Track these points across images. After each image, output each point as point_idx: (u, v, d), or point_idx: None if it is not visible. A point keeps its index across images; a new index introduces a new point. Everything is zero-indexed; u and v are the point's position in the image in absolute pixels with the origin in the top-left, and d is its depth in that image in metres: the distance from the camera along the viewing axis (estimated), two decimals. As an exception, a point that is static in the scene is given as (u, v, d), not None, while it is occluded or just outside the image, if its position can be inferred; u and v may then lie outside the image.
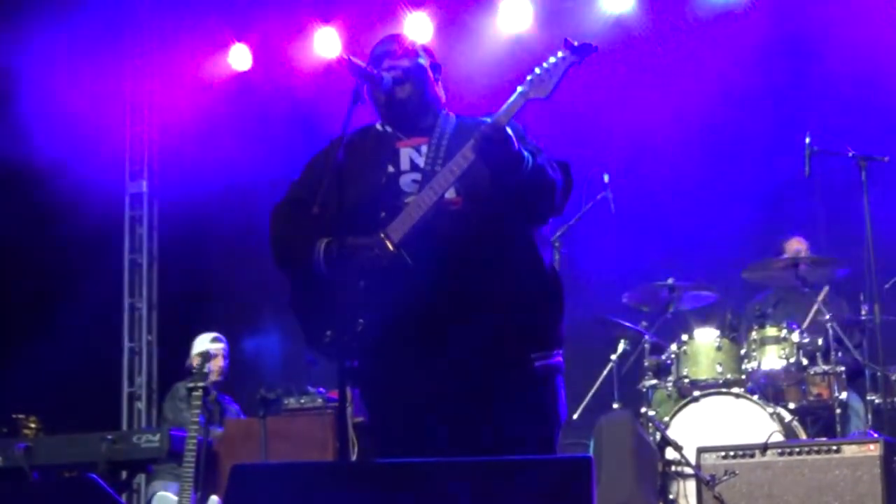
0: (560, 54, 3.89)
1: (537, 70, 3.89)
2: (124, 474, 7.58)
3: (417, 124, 4.15)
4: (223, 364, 8.41)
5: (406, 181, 4.05)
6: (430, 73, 4.20)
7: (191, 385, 6.92)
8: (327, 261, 3.97)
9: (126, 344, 10.50)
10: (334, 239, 3.94)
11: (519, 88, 3.90)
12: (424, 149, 4.08)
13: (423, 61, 4.19)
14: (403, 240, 3.89)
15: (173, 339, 10.13)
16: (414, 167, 4.07)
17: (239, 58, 10.14)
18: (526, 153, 3.88)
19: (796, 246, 8.35)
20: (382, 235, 3.91)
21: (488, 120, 3.86)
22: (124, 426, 10.19)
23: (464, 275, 3.88)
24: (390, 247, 3.89)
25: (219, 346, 8.40)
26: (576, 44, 3.88)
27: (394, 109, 4.14)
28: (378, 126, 4.24)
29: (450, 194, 3.94)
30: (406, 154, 4.10)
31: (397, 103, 4.11)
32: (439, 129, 4.12)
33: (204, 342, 8.34)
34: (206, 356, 7.55)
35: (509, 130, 3.82)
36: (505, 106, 3.88)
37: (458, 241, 3.89)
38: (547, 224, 4.16)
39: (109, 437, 7.05)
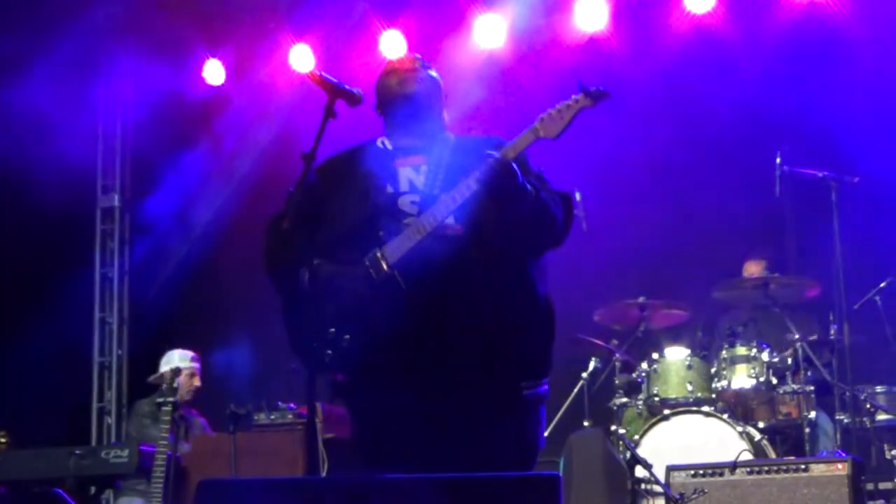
0: (574, 98, 3.90)
1: (550, 111, 3.90)
2: (93, 489, 7.52)
3: (419, 134, 4.16)
4: (199, 384, 8.38)
5: (405, 202, 4.06)
6: (441, 87, 4.26)
7: (160, 400, 6.88)
8: (312, 284, 3.97)
9: (96, 359, 10.45)
10: (320, 263, 3.95)
11: (534, 126, 3.90)
12: (424, 168, 4.10)
13: (435, 75, 4.26)
14: (399, 262, 3.90)
15: (144, 355, 10.10)
16: (413, 188, 4.08)
17: (213, 72, 10.13)
18: (529, 187, 3.90)
19: (753, 268, 8.42)
20: (379, 254, 3.92)
21: (493, 153, 3.86)
22: (94, 441, 10.13)
23: (457, 302, 3.89)
24: (385, 267, 3.89)
25: (195, 366, 8.39)
26: (591, 88, 3.88)
27: (401, 105, 4.16)
28: (378, 143, 4.25)
29: (448, 220, 3.94)
30: (405, 174, 4.11)
31: (404, 98, 4.15)
32: (438, 149, 4.14)
33: (178, 360, 8.31)
34: (178, 372, 7.53)
35: (514, 167, 3.85)
36: (513, 141, 3.90)
37: (453, 267, 3.89)
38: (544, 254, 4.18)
39: (78, 451, 7.01)
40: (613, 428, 7.74)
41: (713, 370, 7.77)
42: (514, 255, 4.00)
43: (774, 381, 7.65)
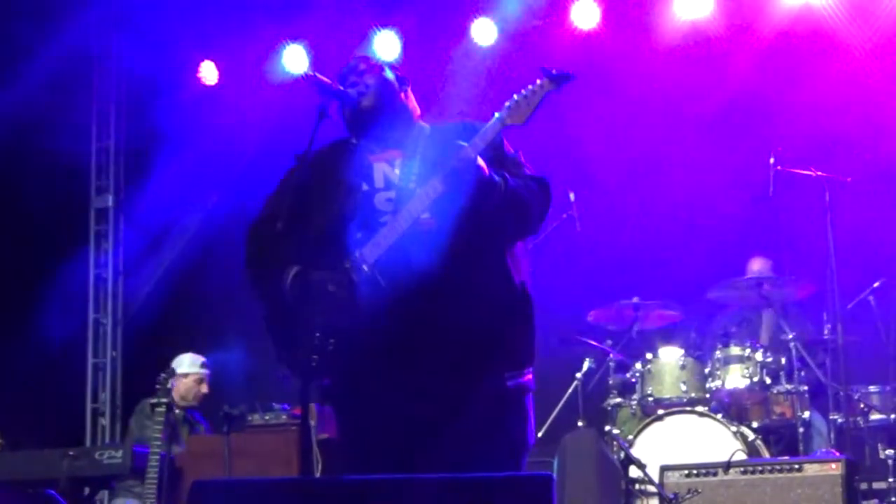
0: (538, 82, 3.90)
1: (515, 97, 3.90)
2: (87, 490, 7.51)
3: (387, 135, 4.15)
4: (206, 391, 8.36)
5: (381, 200, 4.06)
6: (396, 85, 4.22)
7: (153, 401, 6.88)
8: (293, 292, 3.98)
9: (90, 360, 10.43)
10: (301, 270, 3.95)
11: (496, 115, 3.90)
12: (398, 162, 4.10)
13: (389, 75, 4.22)
14: (377, 261, 3.91)
15: (138, 356, 10.10)
16: (388, 185, 4.08)
17: (207, 73, 10.12)
18: (498, 178, 3.89)
19: (759, 266, 8.41)
20: (358, 256, 3.92)
21: (464, 144, 3.85)
22: (88, 442, 10.11)
23: (435, 295, 3.89)
24: (364, 268, 3.90)
25: (205, 372, 8.36)
26: (554, 72, 3.89)
27: (360, 120, 4.15)
28: (353, 140, 4.24)
29: (423, 214, 3.94)
30: (380, 170, 4.11)
31: (362, 113, 4.13)
32: (412, 141, 4.14)
33: (188, 364, 8.28)
34: (173, 374, 7.50)
35: (480, 161, 3.83)
36: (481, 132, 3.89)
37: (430, 261, 3.89)
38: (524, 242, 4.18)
39: (71, 452, 6.99)
40: (607, 428, 7.74)
41: (707, 370, 7.78)
42: (487, 245, 4.00)
43: (768, 381, 7.65)
